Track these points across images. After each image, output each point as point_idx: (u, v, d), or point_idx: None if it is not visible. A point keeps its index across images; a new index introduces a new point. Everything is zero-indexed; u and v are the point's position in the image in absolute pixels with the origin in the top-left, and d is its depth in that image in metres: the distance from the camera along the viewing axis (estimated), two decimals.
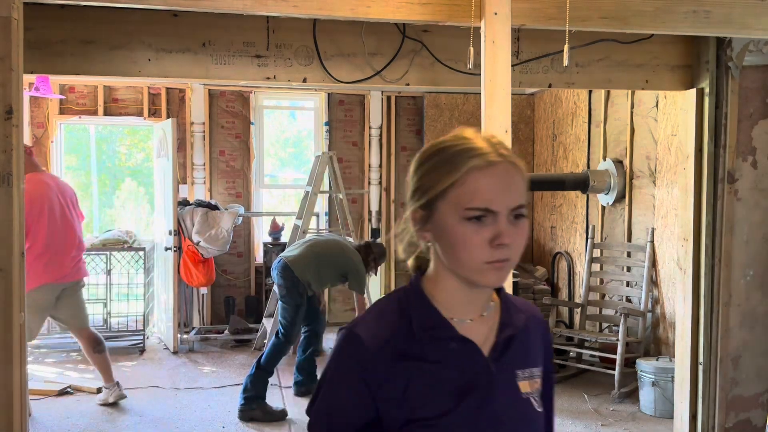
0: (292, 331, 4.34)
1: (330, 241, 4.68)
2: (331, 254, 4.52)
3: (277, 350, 4.27)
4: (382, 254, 4.76)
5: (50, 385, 4.74)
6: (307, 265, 4.37)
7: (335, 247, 4.59)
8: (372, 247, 4.71)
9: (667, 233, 4.85)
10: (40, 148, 6.35)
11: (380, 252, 4.74)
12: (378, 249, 4.73)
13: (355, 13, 2.48)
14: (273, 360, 4.26)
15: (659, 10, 2.74)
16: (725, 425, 3.55)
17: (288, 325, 4.31)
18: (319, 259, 4.45)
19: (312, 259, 4.41)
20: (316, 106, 6.99)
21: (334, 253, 4.54)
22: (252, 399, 4.19)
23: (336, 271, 4.53)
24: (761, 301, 3.56)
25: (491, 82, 2.41)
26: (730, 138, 3.45)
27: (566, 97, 6.42)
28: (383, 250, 4.79)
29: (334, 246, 4.60)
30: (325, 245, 4.59)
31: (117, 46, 3.05)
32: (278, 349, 4.28)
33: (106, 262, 5.70)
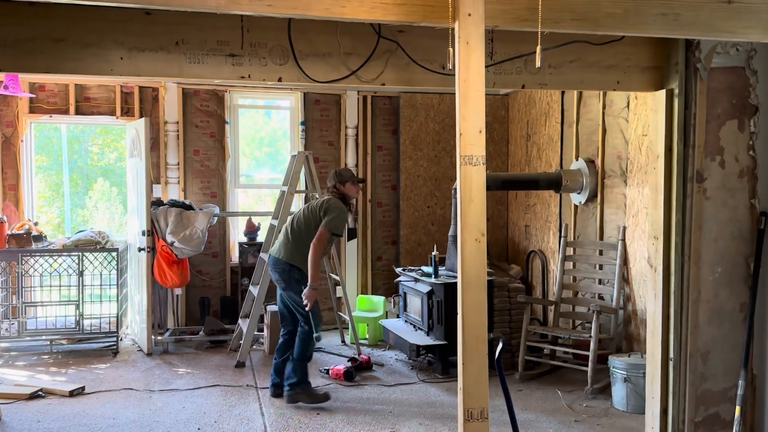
0: (311, 316, 4.37)
1: (301, 210, 4.64)
2: (305, 218, 4.50)
3: (306, 339, 4.43)
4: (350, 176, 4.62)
5: (21, 388, 4.66)
6: (288, 245, 4.45)
7: (306, 209, 4.57)
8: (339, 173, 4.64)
9: (638, 232, 4.93)
10: (9, 147, 6.23)
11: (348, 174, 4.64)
12: (346, 172, 4.69)
13: (329, 13, 2.49)
14: (305, 349, 4.45)
15: (629, 12, 2.79)
16: (695, 419, 3.63)
17: (305, 312, 4.37)
18: (296, 232, 4.47)
19: (291, 237, 4.47)
20: (292, 105, 6.97)
21: (306, 215, 4.52)
22: (296, 384, 4.42)
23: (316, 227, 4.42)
24: (729, 298, 3.64)
25: (465, 82, 2.43)
26: (699, 138, 3.52)
27: (540, 97, 6.49)
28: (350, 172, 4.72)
29: (305, 210, 4.58)
30: (296, 217, 4.58)
31: (88, 45, 3.02)
32: (306, 338, 4.43)
33: (78, 263, 5.62)
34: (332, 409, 4.40)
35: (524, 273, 6.66)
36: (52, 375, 5.11)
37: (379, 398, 4.63)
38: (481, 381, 2.45)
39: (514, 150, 7.11)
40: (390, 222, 7.12)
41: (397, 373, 5.28)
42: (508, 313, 5.40)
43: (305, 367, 4.47)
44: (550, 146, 6.26)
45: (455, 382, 3.72)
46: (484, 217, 2.45)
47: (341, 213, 4.44)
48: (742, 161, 3.60)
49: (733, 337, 3.65)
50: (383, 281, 7.08)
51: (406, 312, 5.78)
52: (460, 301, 2.46)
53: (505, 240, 7.27)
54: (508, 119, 7.25)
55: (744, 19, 2.90)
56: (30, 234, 5.73)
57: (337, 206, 4.46)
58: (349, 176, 4.65)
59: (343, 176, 4.63)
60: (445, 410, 4.39)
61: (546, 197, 6.34)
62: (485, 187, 2.44)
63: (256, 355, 5.77)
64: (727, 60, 3.52)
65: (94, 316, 5.79)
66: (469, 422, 2.45)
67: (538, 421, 4.16)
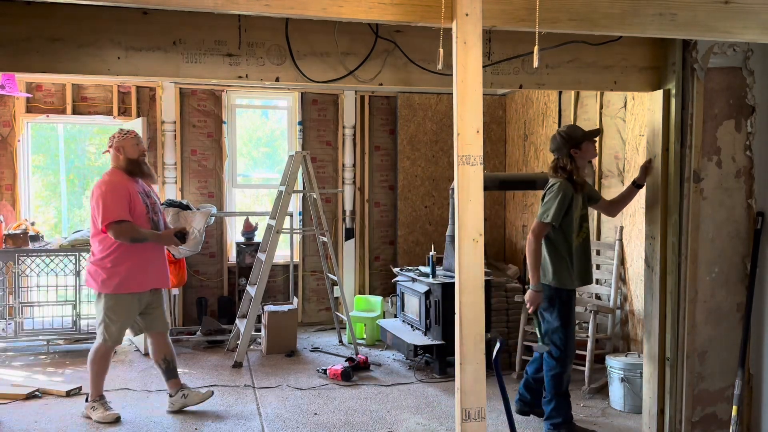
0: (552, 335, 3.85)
1: None
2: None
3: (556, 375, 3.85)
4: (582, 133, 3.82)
5: (18, 388, 4.65)
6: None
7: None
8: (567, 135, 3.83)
9: (635, 232, 4.93)
10: (6, 147, 6.22)
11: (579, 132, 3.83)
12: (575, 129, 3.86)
13: (327, 13, 2.48)
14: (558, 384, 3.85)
15: (627, 12, 2.79)
16: (692, 419, 3.63)
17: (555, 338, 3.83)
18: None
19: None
20: (290, 105, 6.97)
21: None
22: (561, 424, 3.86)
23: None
24: (726, 298, 3.65)
25: (463, 82, 2.43)
26: (696, 138, 3.53)
27: (537, 97, 6.49)
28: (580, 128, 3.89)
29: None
30: None
31: (85, 44, 3.01)
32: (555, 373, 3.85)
33: (75, 263, 5.61)
34: (329, 410, 4.40)
35: (522, 273, 6.66)
36: (49, 375, 5.10)
37: (376, 398, 4.63)
38: (479, 381, 2.45)
39: (512, 150, 7.11)
40: (387, 222, 7.12)
41: (395, 373, 5.28)
42: (505, 313, 5.41)
43: (567, 404, 3.88)
44: (548, 146, 6.26)
45: (453, 382, 3.72)
46: (481, 217, 2.45)
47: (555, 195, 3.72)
48: (739, 161, 3.61)
49: (730, 336, 3.65)
50: (381, 281, 7.08)
51: (404, 312, 5.78)
52: (458, 301, 2.46)
53: (502, 240, 7.28)
54: (506, 119, 7.25)
55: (741, 20, 2.90)
56: (27, 234, 5.72)
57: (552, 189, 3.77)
58: (581, 134, 3.81)
59: (575, 136, 3.77)
60: (442, 410, 4.39)
61: None
62: (483, 187, 2.44)
63: (253, 355, 5.76)
64: (724, 60, 3.52)
65: (91, 316, 5.77)
66: (466, 422, 2.45)
67: (536, 421, 4.16)
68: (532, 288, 3.76)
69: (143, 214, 4.10)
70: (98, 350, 4.17)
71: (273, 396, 4.65)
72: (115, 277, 4.04)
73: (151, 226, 4.15)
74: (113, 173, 4.14)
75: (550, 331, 3.86)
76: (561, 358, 3.84)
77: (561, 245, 3.80)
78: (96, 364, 4.17)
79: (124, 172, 4.14)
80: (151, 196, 4.25)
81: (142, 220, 4.09)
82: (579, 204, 3.83)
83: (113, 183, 4.06)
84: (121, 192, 4.02)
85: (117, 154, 4.14)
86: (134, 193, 4.08)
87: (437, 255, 5.55)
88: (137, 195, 4.10)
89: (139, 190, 4.14)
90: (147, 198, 4.19)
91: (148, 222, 4.13)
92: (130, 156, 4.14)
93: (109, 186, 4.03)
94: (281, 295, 6.84)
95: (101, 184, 4.06)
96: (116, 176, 4.12)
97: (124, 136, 4.16)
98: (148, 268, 4.14)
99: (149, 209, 4.16)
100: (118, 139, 4.15)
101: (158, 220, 4.25)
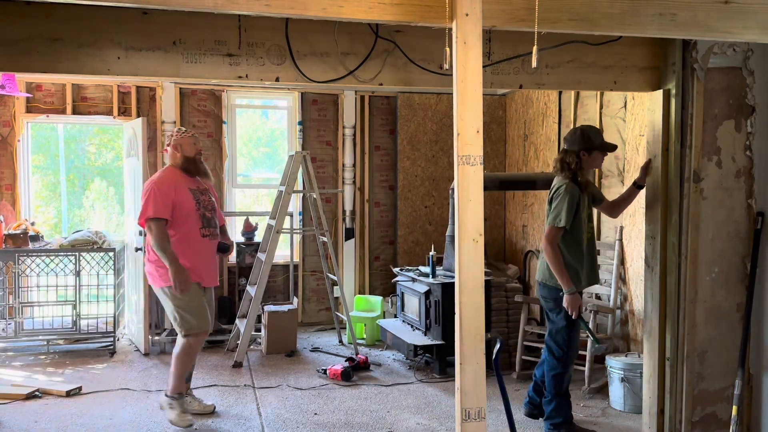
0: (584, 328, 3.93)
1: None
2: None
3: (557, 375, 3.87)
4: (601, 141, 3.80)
5: (18, 388, 4.65)
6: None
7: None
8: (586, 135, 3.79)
9: (635, 231, 4.93)
10: (6, 147, 6.22)
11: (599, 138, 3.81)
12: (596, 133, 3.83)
13: (327, 13, 2.48)
14: (558, 384, 3.86)
15: (626, 12, 2.79)
16: (692, 419, 3.63)
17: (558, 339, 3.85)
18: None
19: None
20: (290, 105, 6.97)
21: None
22: (561, 424, 3.87)
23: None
24: (726, 298, 3.65)
25: (463, 82, 2.43)
26: (696, 138, 3.53)
27: (537, 97, 6.49)
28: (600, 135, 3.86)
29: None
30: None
31: (85, 44, 3.01)
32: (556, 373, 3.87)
33: (75, 263, 5.61)
34: (329, 410, 4.40)
35: (522, 273, 6.66)
36: (49, 375, 5.10)
37: (376, 398, 4.63)
38: (479, 381, 2.45)
39: (512, 150, 7.12)
40: (387, 222, 7.12)
41: (395, 373, 5.28)
42: (505, 313, 5.41)
43: (567, 404, 3.90)
44: (548, 146, 6.26)
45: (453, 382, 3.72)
46: (481, 217, 2.45)
47: (563, 198, 3.70)
48: (739, 161, 3.61)
49: (730, 336, 3.65)
50: (381, 281, 7.08)
51: (404, 312, 5.78)
52: (458, 301, 2.46)
53: (502, 240, 7.28)
54: (506, 119, 7.25)
55: (741, 20, 2.90)
56: (27, 234, 5.72)
57: (559, 192, 3.76)
58: (598, 142, 3.79)
59: (592, 140, 3.77)
60: (442, 410, 4.39)
61: (543, 197, 6.34)
62: (483, 187, 2.44)
63: (253, 355, 5.76)
64: (724, 60, 3.52)
65: (91, 316, 5.78)
66: (466, 422, 2.45)
67: (536, 421, 4.16)
68: (567, 292, 3.70)
69: (192, 211, 4.07)
70: (183, 346, 4.07)
71: (273, 396, 4.65)
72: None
73: (203, 223, 4.12)
74: (166, 171, 4.16)
75: (554, 331, 3.87)
76: (563, 359, 3.84)
77: (571, 247, 3.79)
78: (180, 360, 4.08)
79: (179, 170, 4.15)
80: (206, 194, 4.23)
81: (192, 217, 4.06)
82: (585, 204, 3.83)
83: (161, 180, 4.06)
84: (165, 189, 4.00)
85: (174, 152, 4.15)
86: (183, 190, 4.07)
87: (437, 255, 5.55)
88: (187, 192, 4.08)
89: (192, 188, 4.13)
90: (201, 195, 4.17)
91: (198, 219, 4.09)
92: (188, 154, 4.15)
93: (156, 183, 4.03)
94: (281, 295, 6.84)
95: (151, 181, 4.07)
96: (167, 173, 4.13)
97: (182, 135, 4.17)
98: (202, 264, 4.11)
99: (200, 206, 4.12)
100: (176, 137, 4.17)
101: (212, 217, 4.21)
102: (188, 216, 4.05)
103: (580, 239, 3.80)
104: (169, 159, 4.20)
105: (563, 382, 3.87)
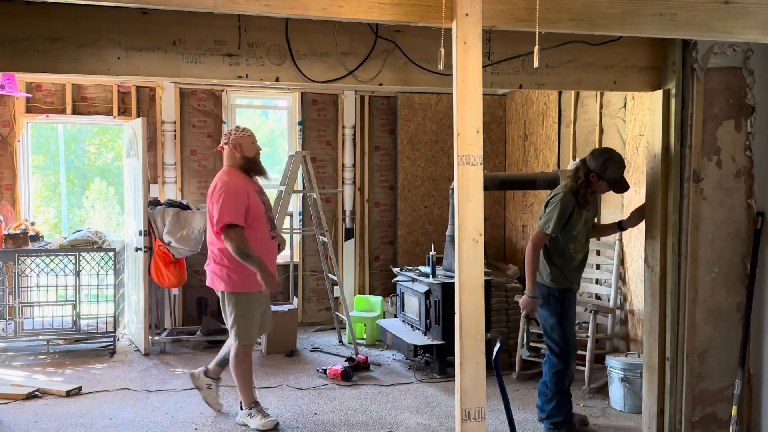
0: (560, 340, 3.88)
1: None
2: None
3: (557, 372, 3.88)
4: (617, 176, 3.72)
5: (18, 388, 4.65)
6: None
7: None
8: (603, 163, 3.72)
9: (635, 231, 4.93)
10: (6, 147, 6.22)
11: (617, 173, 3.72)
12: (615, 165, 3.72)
13: (327, 13, 2.48)
14: (559, 381, 3.88)
15: (626, 12, 2.79)
16: (692, 419, 3.63)
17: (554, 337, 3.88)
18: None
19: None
20: (290, 105, 6.97)
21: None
22: (562, 423, 3.89)
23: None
24: (726, 298, 3.65)
25: (463, 82, 2.43)
26: (696, 138, 3.53)
27: (537, 97, 6.49)
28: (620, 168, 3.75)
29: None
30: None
31: (85, 44, 3.01)
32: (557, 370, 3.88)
33: (75, 263, 5.61)
34: (329, 410, 4.40)
35: (521, 273, 6.66)
36: (49, 375, 5.10)
37: (376, 398, 4.63)
38: (479, 381, 2.45)
39: (512, 150, 7.12)
40: (387, 222, 7.12)
41: (395, 373, 5.28)
42: (505, 313, 5.41)
43: (568, 403, 3.92)
44: (548, 146, 6.26)
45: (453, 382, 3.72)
46: (481, 217, 2.45)
47: (556, 206, 3.75)
48: (739, 161, 3.61)
49: (730, 336, 3.65)
50: (381, 281, 7.08)
51: (404, 312, 5.78)
52: (458, 301, 2.46)
53: (502, 240, 7.28)
54: (506, 119, 7.25)
55: (741, 20, 2.90)
56: (27, 234, 5.72)
57: (555, 199, 3.79)
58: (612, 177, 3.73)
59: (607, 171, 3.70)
60: (442, 410, 4.39)
61: (543, 197, 6.34)
62: (483, 187, 2.44)
63: (253, 355, 5.75)
64: (724, 60, 3.52)
65: (91, 316, 5.78)
66: (466, 422, 2.45)
67: (536, 421, 4.16)
68: (527, 294, 3.81)
69: (262, 214, 3.95)
70: (237, 354, 3.99)
71: (273, 396, 4.65)
72: (241, 274, 3.87)
73: (271, 225, 4.03)
74: (230, 172, 3.98)
75: (548, 329, 3.89)
76: (562, 355, 3.85)
77: (558, 253, 3.85)
78: (238, 368, 4.00)
79: (239, 170, 3.99)
80: (265, 194, 4.11)
81: (261, 220, 3.94)
82: (580, 221, 3.84)
83: (230, 184, 3.88)
84: (239, 194, 3.85)
85: (233, 151, 3.98)
86: (252, 193, 3.93)
87: (437, 255, 5.55)
88: (255, 194, 3.96)
89: (256, 189, 4.01)
90: (263, 196, 4.05)
91: (267, 222, 3.98)
92: (248, 154, 3.99)
93: (227, 187, 3.85)
94: (281, 295, 6.84)
95: (220, 184, 3.88)
96: (233, 176, 3.95)
97: (241, 134, 4.01)
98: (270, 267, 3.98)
99: (267, 207, 4.03)
100: (235, 136, 4.00)
101: (274, 218, 4.11)
102: (259, 220, 3.92)
103: (568, 248, 3.84)
104: (227, 159, 4.02)
105: (564, 379, 3.87)
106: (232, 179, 3.93)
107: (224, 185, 3.87)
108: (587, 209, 3.86)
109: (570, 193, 3.79)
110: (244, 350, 4.01)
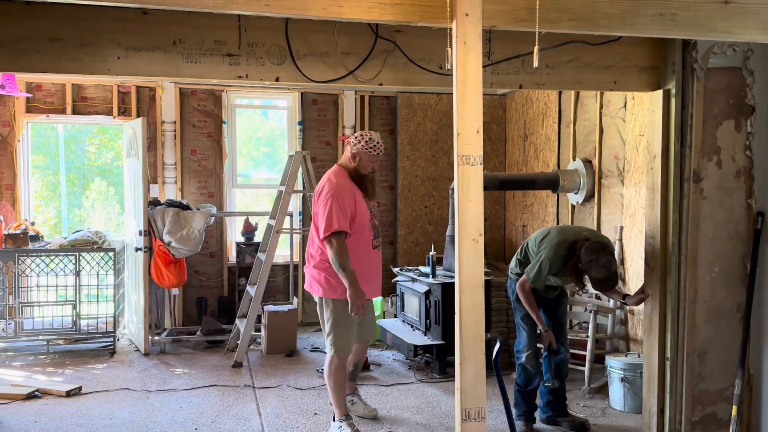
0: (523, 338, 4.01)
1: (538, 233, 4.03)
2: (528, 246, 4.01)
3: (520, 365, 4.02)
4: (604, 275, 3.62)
5: (18, 388, 4.65)
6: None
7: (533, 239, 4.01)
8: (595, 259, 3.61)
9: (635, 231, 4.93)
10: (6, 147, 6.22)
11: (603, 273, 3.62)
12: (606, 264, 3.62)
13: (327, 13, 2.48)
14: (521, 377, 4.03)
15: (626, 12, 2.79)
16: (692, 419, 3.63)
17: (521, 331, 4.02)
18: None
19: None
20: (290, 105, 6.97)
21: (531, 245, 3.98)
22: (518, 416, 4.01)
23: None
24: (726, 298, 3.65)
25: (463, 82, 2.43)
26: (696, 138, 3.53)
27: (537, 97, 6.49)
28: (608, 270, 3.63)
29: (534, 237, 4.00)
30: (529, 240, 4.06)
31: (85, 44, 3.01)
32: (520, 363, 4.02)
33: (75, 263, 5.61)
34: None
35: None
36: (49, 375, 5.10)
37: (376, 398, 4.63)
38: (479, 381, 2.46)
39: (512, 150, 7.11)
40: (387, 222, 7.12)
41: (395, 373, 5.28)
42: (505, 313, 5.40)
43: (527, 397, 4.04)
44: (548, 146, 6.26)
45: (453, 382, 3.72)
46: (481, 217, 2.45)
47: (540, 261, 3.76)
48: (739, 161, 3.61)
49: (730, 336, 3.66)
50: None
51: (404, 312, 5.78)
52: (458, 301, 2.46)
53: (502, 240, 7.27)
54: (506, 119, 7.25)
55: (741, 20, 2.90)
56: (27, 234, 5.72)
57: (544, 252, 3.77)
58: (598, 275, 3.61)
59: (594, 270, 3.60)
60: (442, 410, 4.39)
61: (543, 197, 6.35)
62: (483, 187, 2.44)
63: (253, 355, 5.76)
64: (724, 60, 3.53)
65: (91, 316, 5.78)
66: (466, 422, 2.45)
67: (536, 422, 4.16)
68: (543, 331, 3.95)
69: (367, 222, 3.83)
70: (331, 363, 3.83)
71: (273, 396, 4.65)
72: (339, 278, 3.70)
73: (375, 233, 3.91)
74: (340, 174, 3.84)
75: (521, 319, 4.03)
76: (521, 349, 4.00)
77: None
78: (331, 378, 3.85)
79: (348, 174, 3.86)
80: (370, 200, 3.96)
81: (366, 228, 3.83)
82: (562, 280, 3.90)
83: (339, 188, 3.73)
84: (346, 200, 3.72)
85: (351, 159, 3.85)
86: (359, 199, 3.81)
87: (437, 255, 5.55)
88: (362, 201, 3.83)
89: (364, 195, 3.89)
90: (369, 202, 3.92)
91: (371, 229, 3.86)
92: (363, 171, 3.85)
93: (335, 193, 3.71)
94: (281, 295, 6.84)
95: (329, 187, 3.74)
96: (342, 179, 3.80)
97: (367, 149, 3.80)
98: (371, 276, 3.88)
99: (372, 215, 3.90)
100: (360, 146, 3.81)
101: (379, 225, 4.02)
102: (364, 227, 3.81)
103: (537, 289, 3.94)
104: (344, 157, 3.92)
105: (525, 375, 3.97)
106: (341, 182, 3.79)
107: (332, 189, 3.73)
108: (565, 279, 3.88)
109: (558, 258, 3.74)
110: (338, 360, 3.83)
